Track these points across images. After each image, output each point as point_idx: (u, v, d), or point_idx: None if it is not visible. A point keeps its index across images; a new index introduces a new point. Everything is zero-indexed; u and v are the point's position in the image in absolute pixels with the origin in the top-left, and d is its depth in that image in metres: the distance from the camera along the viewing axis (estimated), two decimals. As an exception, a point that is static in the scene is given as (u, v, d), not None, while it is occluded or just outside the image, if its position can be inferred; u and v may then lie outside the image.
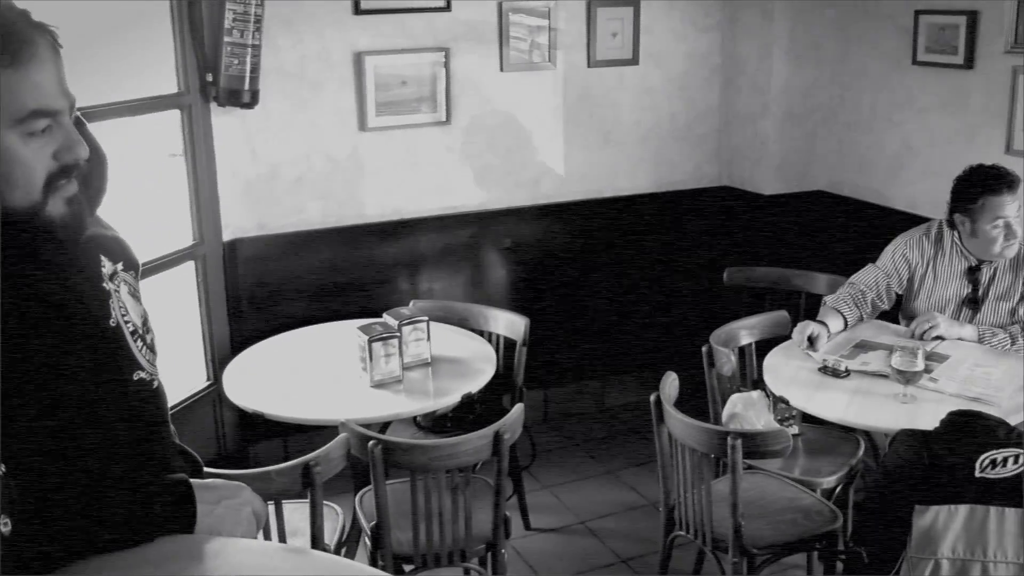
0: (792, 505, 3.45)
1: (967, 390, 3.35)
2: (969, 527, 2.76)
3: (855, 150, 5.05)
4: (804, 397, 3.45)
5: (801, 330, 3.73)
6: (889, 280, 3.95)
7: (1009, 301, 3.80)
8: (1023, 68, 4.18)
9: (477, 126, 4.75)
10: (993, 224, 3.68)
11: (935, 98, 4.61)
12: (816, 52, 5.06)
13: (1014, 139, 4.26)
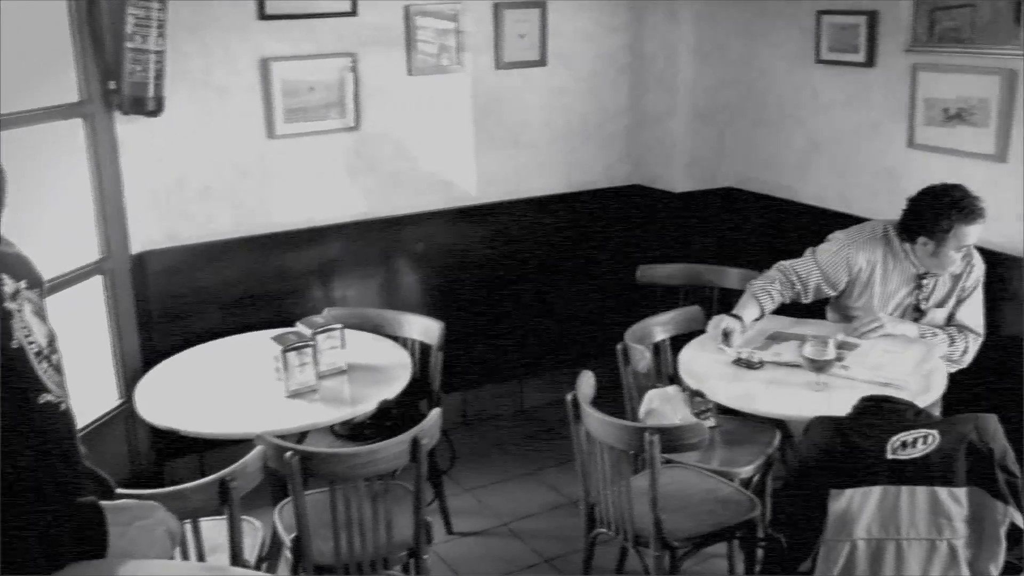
0: (711, 496, 3.50)
1: (877, 376, 3.44)
2: (883, 508, 2.83)
3: (763, 147, 5.13)
4: (719, 389, 3.50)
5: (716, 324, 3.77)
6: (823, 281, 3.94)
7: (945, 308, 3.90)
8: (922, 65, 4.30)
9: (387, 131, 4.72)
10: (957, 249, 3.75)
11: (839, 95, 4.72)
12: (722, 51, 5.13)
13: (916, 133, 4.38)
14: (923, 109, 4.33)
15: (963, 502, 2.85)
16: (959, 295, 3.88)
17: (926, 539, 2.85)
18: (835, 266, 3.93)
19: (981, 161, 4.14)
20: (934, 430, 2.85)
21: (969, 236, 3.71)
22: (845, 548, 2.86)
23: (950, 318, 3.90)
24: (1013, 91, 3.99)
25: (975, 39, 4.11)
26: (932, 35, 4.26)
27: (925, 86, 4.31)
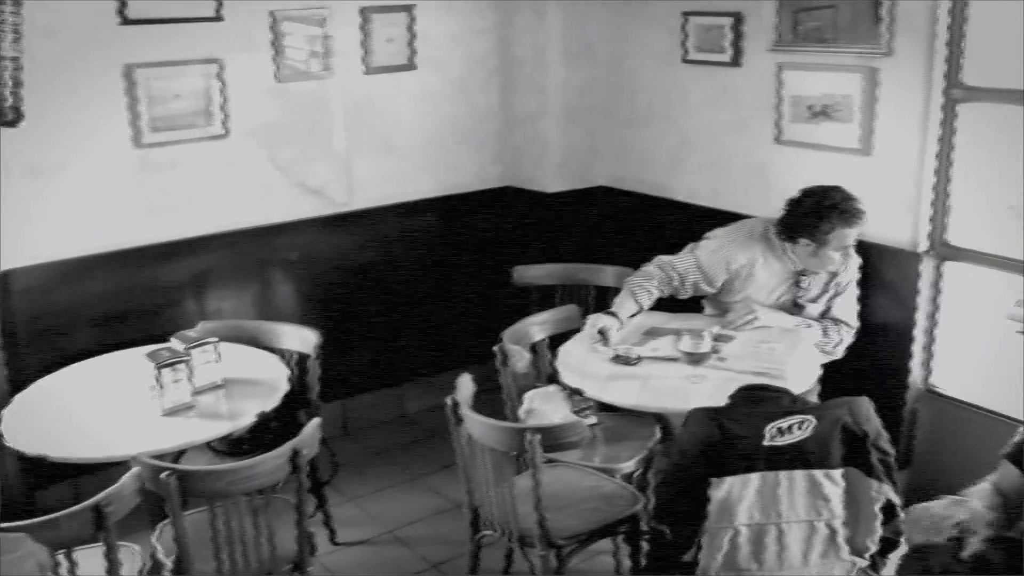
0: (594, 493, 3.52)
1: (753, 365, 3.52)
2: (762, 493, 2.89)
3: (634, 146, 5.20)
4: (598, 387, 3.53)
5: (592, 323, 3.80)
6: (701, 279, 4.02)
7: (821, 303, 4.01)
8: (787, 64, 4.42)
9: (257, 139, 4.64)
10: (838, 250, 3.88)
11: (708, 94, 4.81)
12: (591, 52, 5.18)
13: (783, 130, 4.49)
14: (789, 106, 4.45)
15: (839, 483, 2.93)
16: (835, 290, 4.01)
17: (805, 521, 2.93)
18: (714, 265, 4.00)
19: (847, 155, 4.27)
20: (810, 415, 2.92)
21: (849, 238, 3.85)
22: (727, 535, 2.91)
23: (825, 311, 4.01)
24: (874, 88, 4.13)
25: (837, 39, 4.23)
26: (796, 35, 4.38)
27: (790, 84, 4.42)
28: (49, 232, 4.23)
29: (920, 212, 4.12)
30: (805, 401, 3.14)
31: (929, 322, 4.24)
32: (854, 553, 3.00)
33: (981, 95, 4.03)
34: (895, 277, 4.22)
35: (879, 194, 4.18)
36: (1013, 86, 3.93)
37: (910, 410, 4.32)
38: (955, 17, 3.93)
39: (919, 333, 4.23)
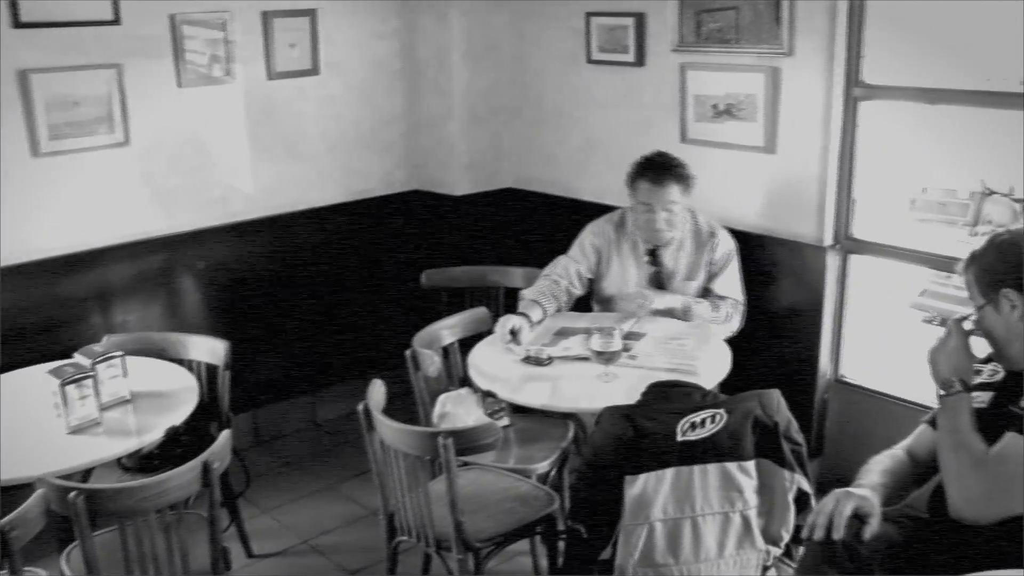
0: (509, 495, 3.51)
1: (664, 362, 3.54)
2: (676, 488, 2.92)
3: (541, 147, 5.21)
4: (511, 389, 3.53)
5: (503, 324, 3.81)
6: (579, 266, 4.14)
7: (696, 280, 4.05)
8: (690, 64, 4.47)
9: (159, 146, 4.55)
10: (640, 207, 3.96)
11: (612, 94, 4.85)
12: (495, 54, 5.18)
13: (688, 129, 4.55)
14: (693, 106, 4.50)
15: (752, 474, 2.98)
16: (710, 270, 4.07)
17: (720, 513, 2.96)
18: (583, 251, 4.16)
19: (752, 153, 4.35)
20: (721, 409, 2.97)
21: (654, 195, 3.92)
22: (643, 531, 2.93)
23: (707, 291, 4.07)
24: (777, 87, 4.21)
25: (739, 39, 4.30)
26: (699, 36, 4.43)
27: (694, 84, 4.48)
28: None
29: (825, 207, 4.21)
30: (716, 395, 3.18)
31: (836, 314, 4.33)
32: (769, 542, 3.04)
33: (881, 93, 4.13)
34: (802, 271, 4.30)
35: (784, 191, 4.27)
36: (912, 84, 4.04)
37: (820, 400, 4.40)
38: (853, 17, 4.03)
39: (827, 325, 4.32)
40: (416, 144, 5.36)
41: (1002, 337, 2.61)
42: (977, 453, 2.51)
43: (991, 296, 2.59)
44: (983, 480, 2.48)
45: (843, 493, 2.62)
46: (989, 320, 2.62)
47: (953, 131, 5.36)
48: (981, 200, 6.66)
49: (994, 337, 2.63)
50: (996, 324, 2.60)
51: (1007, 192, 6.57)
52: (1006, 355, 2.64)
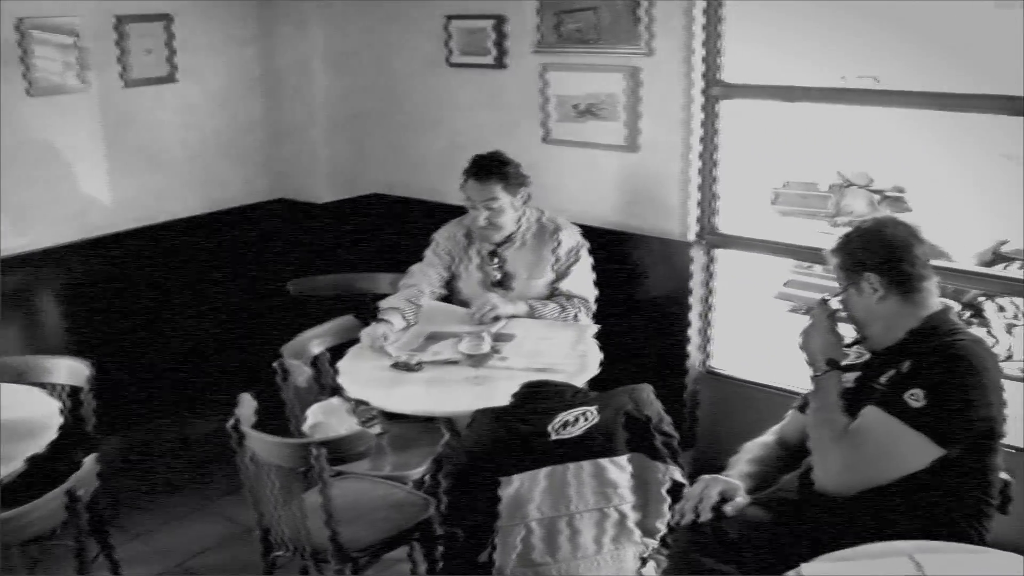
0: (385, 502, 3.49)
1: (534, 362, 3.54)
2: (551, 487, 2.94)
3: (405, 151, 5.18)
4: (382, 396, 3.49)
5: (370, 333, 3.78)
6: (435, 269, 4.14)
7: (541, 278, 4.06)
8: (550, 65, 4.49)
9: (10, 159, 4.34)
10: (474, 206, 3.99)
11: (474, 97, 4.84)
12: (355, 59, 5.13)
13: (551, 130, 4.57)
14: (555, 106, 4.52)
15: (626, 468, 3.01)
16: (556, 268, 4.07)
17: (596, 509, 2.99)
18: (437, 254, 4.17)
19: (614, 152, 4.39)
20: (592, 406, 2.99)
21: (476, 192, 3.96)
22: (520, 531, 2.94)
23: (555, 290, 4.07)
24: (637, 87, 4.26)
25: (599, 40, 4.33)
26: (559, 37, 4.45)
27: (555, 85, 4.50)
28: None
29: (688, 204, 4.27)
30: (587, 393, 3.20)
31: (703, 307, 4.40)
32: (645, 535, 3.09)
33: (739, 91, 4.22)
34: (669, 267, 4.36)
35: (648, 188, 4.32)
36: (770, 82, 4.13)
37: (691, 392, 4.47)
38: (710, 18, 4.10)
39: (695, 318, 4.38)
40: (278, 152, 5.27)
41: (863, 318, 2.77)
42: (839, 427, 2.64)
43: (854, 279, 2.73)
44: (843, 453, 2.60)
45: (711, 479, 2.70)
46: (852, 302, 2.77)
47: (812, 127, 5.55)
48: (840, 192, 6.92)
49: (856, 318, 2.78)
50: (858, 306, 2.75)
51: (864, 184, 6.83)
52: (867, 335, 2.79)
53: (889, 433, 2.54)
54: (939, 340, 2.65)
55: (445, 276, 4.16)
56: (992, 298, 5.80)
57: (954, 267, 5.38)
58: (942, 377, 2.55)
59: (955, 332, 2.69)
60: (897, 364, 2.66)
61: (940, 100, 4.22)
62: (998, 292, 5.69)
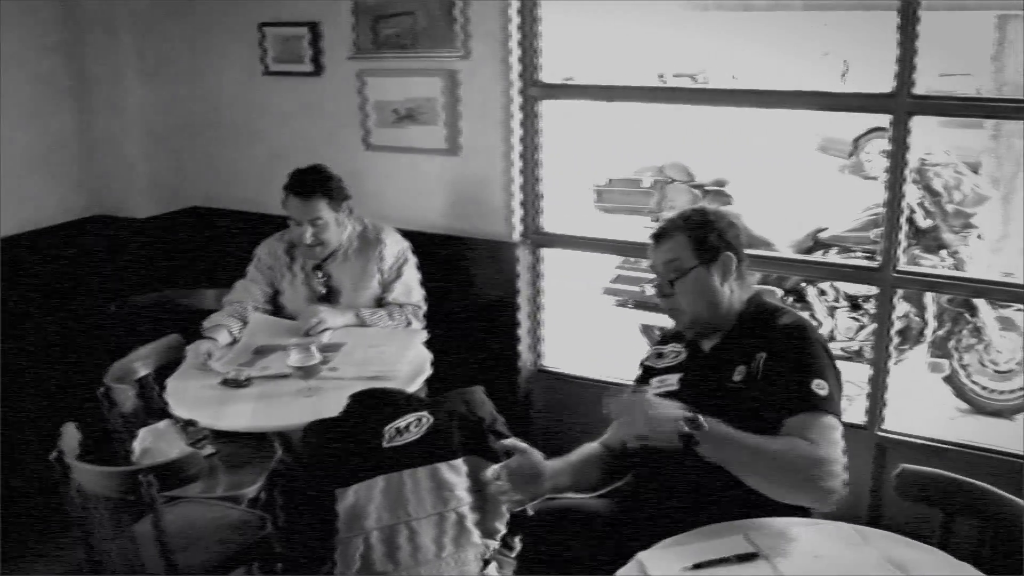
0: (221, 524, 3.40)
1: (365, 371, 3.51)
2: (388, 495, 2.94)
3: (225, 162, 5.08)
4: (212, 415, 3.41)
5: (194, 350, 3.70)
6: (258, 285, 4.07)
7: (368, 288, 4.04)
8: (368, 71, 4.48)
9: None
10: (292, 223, 3.96)
11: (293, 105, 4.79)
12: (171, 68, 4.99)
13: (371, 136, 4.56)
14: (375, 112, 4.51)
15: (462, 471, 3.04)
16: (383, 278, 4.06)
17: (434, 514, 3.01)
18: (259, 269, 4.10)
19: (436, 156, 4.41)
20: (425, 411, 3.01)
21: (301, 211, 3.91)
22: (360, 542, 2.94)
23: (383, 299, 4.07)
24: (455, 90, 4.28)
25: (416, 44, 4.34)
26: (376, 42, 4.44)
27: (374, 90, 4.49)
28: None
29: (513, 204, 4.31)
30: (420, 398, 3.21)
31: (532, 307, 4.46)
32: (485, 536, 3.12)
33: (559, 92, 4.31)
34: (496, 268, 4.40)
35: (472, 191, 4.35)
36: (588, 82, 4.21)
37: (524, 391, 4.52)
38: (526, 19, 4.16)
39: (524, 318, 4.43)
40: (92, 167, 5.06)
41: (707, 299, 2.75)
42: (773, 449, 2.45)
43: (707, 258, 2.74)
44: (835, 475, 2.43)
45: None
46: (701, 280, 2.74)
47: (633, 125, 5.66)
48: (662, 188, 7.10)
49: (698, 299, 2.75)
50: (704, 285, 2.74)
51: (685, 179, 7.04)
52: (714, 314, 2.77)
53: (832, 426, 2.50)
54: (776, 321, 2.72)
55: (268, 292, 4.09)
56: (813, 283, 6.04)
57: (778, 255, 5.64)
58: (811, 358, 2.60)
59: (781, 310, 2.80)
60: (745, 358, 2.68)
61: (755, 97, 4.40)
62: (819, 278, 5.93)
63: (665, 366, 2.88)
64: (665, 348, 2.95)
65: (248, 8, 4.76)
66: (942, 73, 11.07)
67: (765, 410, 2.56)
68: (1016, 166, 8.20)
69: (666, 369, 2.87)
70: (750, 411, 2.59)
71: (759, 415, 2.56)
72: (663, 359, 2.91)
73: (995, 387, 5.80)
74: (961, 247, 5.91)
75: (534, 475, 2.68)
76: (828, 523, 2.43)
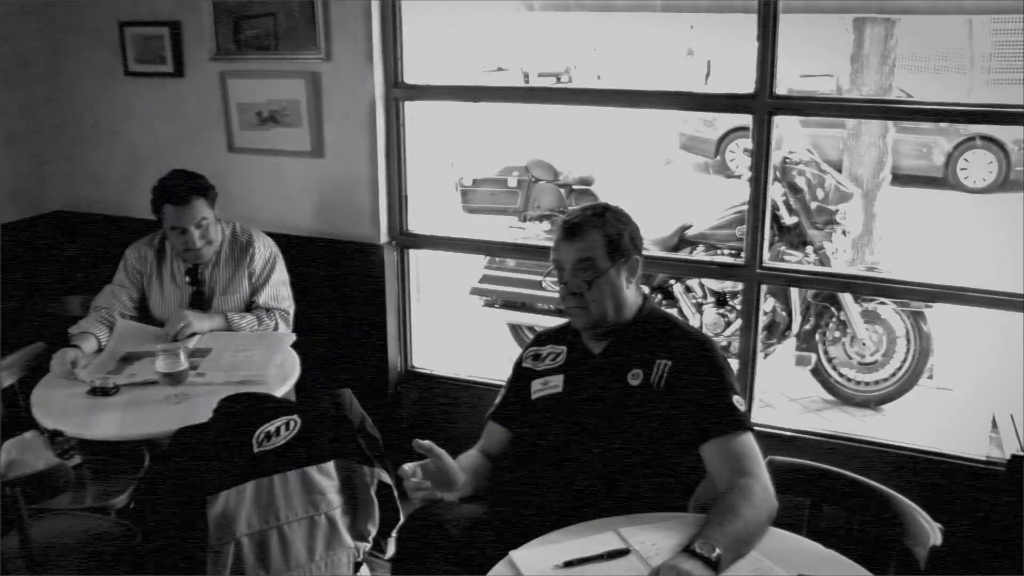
0: (90, 536, 3.34)
1: (234, 375, 3.51)
2: (258, 500, 2.93)
3: (87, 165, 4.99)
4: (79, 424, 3.36)
5: (59, 358, 3.63)
6: (126, 291, 4.02)
7: (238, 292, 4.02)
8: (230, 72, 4.46)
9: None
10: (173, 232, 3.90)
11: (154, 106, 4.74)
12: (27, 69, 4.87)
13: (235, 138, 4.55)
14: (237, 114, 4.50)
15: (333, 475, 3.04)
16: (252, 283, 4.05)
17: (305, 518, 3.01)
18: (127, 274, 4.04)
19: (301, 158, 4.42)
20: (294, 415, 3.00)
21: (182, 217, 3.84)
22: (230, 549, 2.91)
23: (251, 304, 4.06)
24: (319, 92, 4.31)
25: (279, 46, 4.34)
26: (238, 44, 4.43)
27: (236, 92, 4.47)
28: None
29: (378, 206, 4.34)
30: (289, 402, 3.22)
31: (399, 308, 4.49)
32: (357, 539, 3.13)
33: (423, 93, 4.35)
34: (363, 270, 4.43)
35: (337, 193, 4.37)
36: (448, 82, 4.26)
37: (393, 393, 4.55)
38: (387, 22, 4.19)
39: (392, 320, 4.46)
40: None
41: (617, 300, 2.77)
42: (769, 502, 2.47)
43: (617, 259, 2.76)
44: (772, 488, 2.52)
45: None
46: (611, 282, 2.75)
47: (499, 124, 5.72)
48: (528, 187, 7.18)
49: (613, 299, 2.76)
50: (616, 286, 2.76)
51: (551, 178, 7.13)
52: (618, 316, 2.79)
53: (753, 443, 2.59)
54: (674, 329, 2.80)
55: (136, 297, 4.04)
56: (680, 280, 6.17)
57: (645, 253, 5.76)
58: (725, 374, 2.68)
59: (673, 318, 2.92)
60: (641, 362, 2.73)
61: (620, 97, 4.51)
62: (686, 274, 6.07)
63: (545, 368, 2.89)
64: (543, 349, 2.95)
65: (107, 7, 4.68)
66: (802, 74, 11.42)
67: (678, 424, 2.64)
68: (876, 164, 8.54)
69: (546, 371, 2.88)
70: (649, 415, 2.67)
71: (663, 422, 2.65)
72: (542, 360, 2.92)
73: (861, 379, 6.02)
74: (825, 243, 6.11)
75: (448, 482, 2.65)
76: (699, 516, 2.47)
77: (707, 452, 2.59)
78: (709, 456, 2.59)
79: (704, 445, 2.59)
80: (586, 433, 2.74)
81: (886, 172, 8.60)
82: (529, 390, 2.88)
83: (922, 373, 5.90)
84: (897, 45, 8.53)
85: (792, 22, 3.69)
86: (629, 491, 2.66)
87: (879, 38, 8.41)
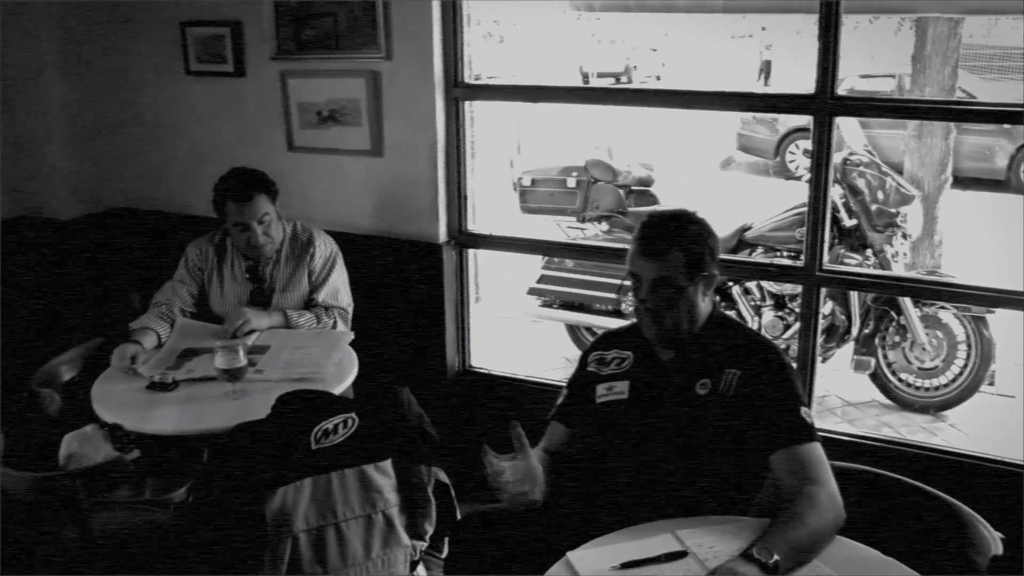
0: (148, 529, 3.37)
1: (291, 373, 3.51)
2: (316, 497, 2.94)
3: (148, 163, 5.04)
4: (138, 418, 3.38)
5: (119, 353, 3.66)
6: (186, 287, 4.03)
7: (297, 290, 4.03)
8: (290, 72, 4.48)
9: None
10: (235, 229, 3.91)
11: (215, 105, 4.77)
12: (91, 69, 4.95)
13: (294, 137, 4.56)
14: (297, 113, 4.52)
15: (390, 473, 3.05)
16: (312, 281, 4.05)
17: (362, 516, 3.01)
18: (188, 271, 4.06)
19: (360, 157, 4.42)
20: (352, 413, 3.00)
21: (245, 213, 3.86)
22: (287, 544, 2.93)
23: (311, 302, 4.06)
24: (379, 91, 4.31)
25: (339, 46, 4.35)
26: (298, 43, 4.44)
27: (296, 91, 4.49)
28: None
29: (438, 205, 4.34)
30: (346, 400, 3.23)
31: (458, 307, 4.49)
32: (414, 538, 3.13)
33: (482, 93, 4.36)
34: (422, 269, 4.42)
35: (397, 192, 4.38)
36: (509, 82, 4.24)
37: (451, 392, 4.54)
38: (447, 21, 4.18)
39: (450, 319, 4.46)
40: (14, 168, 5.00)
41: (692, 313, 2.73)
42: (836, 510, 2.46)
43: (697, 276, 2.71)
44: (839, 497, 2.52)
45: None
46: (688, 298, 2.70)
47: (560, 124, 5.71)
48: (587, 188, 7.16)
49: (689, 313, 2.72)
50: (692, 301, 2.71)
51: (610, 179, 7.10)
52: (691, 327, 2.75)
53: (821, 453, 2.58)
54: (739, 336, 2.78)
55: (196, 294, 4.06)
56: (739, 282, 6.13)
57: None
58: (793, 386, 2.66)
59: (740, 325, 2.91)
60: (710, 371, 2.70)
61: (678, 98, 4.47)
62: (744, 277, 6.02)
63: (610, 373, 2.85)
64: (607, 353, 2.90)
65: (170, 7, 4.73)
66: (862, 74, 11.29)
67: (747, 434, 2.62)
68: (937, 166, 8.41)
69: (611, 376, 2.84)
70: (719, 426, 2.64)
71: (731, 431, 2.63)
72: (607, 365, 2.88)
73: (920, 384, 5.93)
74: (886, 246, 6.03)
75: (536, 480, 2.60)
76: (757, 520, 2.46)
77: (775, 461, 2.57)
78: (777, 464, 2.57)
79: (772, 455, 2.57)
80: (651, 441, 2.71)
81: (948, 174, 8.47)
82: (593, 393, 2.84)
83: (983, 379, 5.80)
84: (960, 45, 8.39)
85: (853, 22, 3.62)
86: (691, 497, 2.64)
87: (942, 38, 8.29)
